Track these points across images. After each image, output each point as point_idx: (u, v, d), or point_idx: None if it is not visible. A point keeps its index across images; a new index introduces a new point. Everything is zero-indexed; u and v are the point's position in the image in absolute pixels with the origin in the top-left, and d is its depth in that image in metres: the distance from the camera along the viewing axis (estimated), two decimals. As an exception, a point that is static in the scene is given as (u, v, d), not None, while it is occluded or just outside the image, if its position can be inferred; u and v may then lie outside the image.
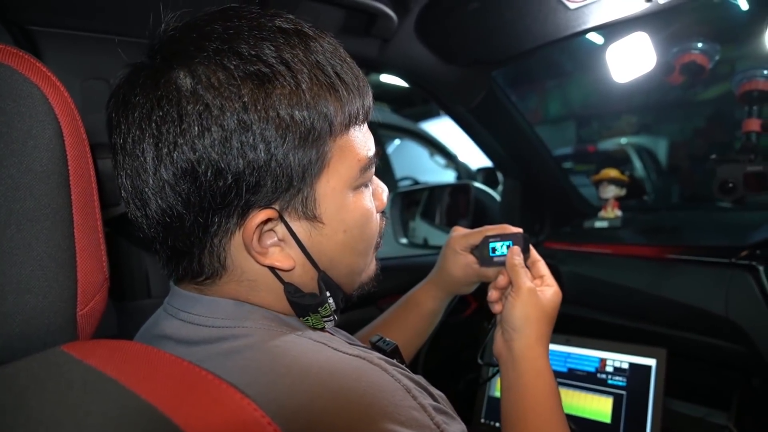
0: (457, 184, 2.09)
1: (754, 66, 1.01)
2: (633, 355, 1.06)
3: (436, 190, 1.85)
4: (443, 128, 4.36)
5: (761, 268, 0.99)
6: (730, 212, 1.46)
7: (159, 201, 0.47)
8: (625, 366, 1.05)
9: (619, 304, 1.20)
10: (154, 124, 0.45)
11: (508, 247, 0.76)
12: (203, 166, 0.44)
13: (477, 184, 1.68)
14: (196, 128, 0.44)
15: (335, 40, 0.51)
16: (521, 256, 0.75)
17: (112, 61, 0.51)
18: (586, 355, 1.11)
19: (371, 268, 0.61)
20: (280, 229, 0.50)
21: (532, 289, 0.71)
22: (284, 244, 0.51)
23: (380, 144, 3.70)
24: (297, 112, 0.45)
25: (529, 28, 1.00)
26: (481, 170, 2.43)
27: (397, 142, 4.55)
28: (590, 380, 1.08)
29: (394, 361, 0.56)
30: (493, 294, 0.78)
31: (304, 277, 0.53)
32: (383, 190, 0.60)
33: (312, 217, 0.50)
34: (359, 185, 0.53)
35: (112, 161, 0.49)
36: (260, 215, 0.47)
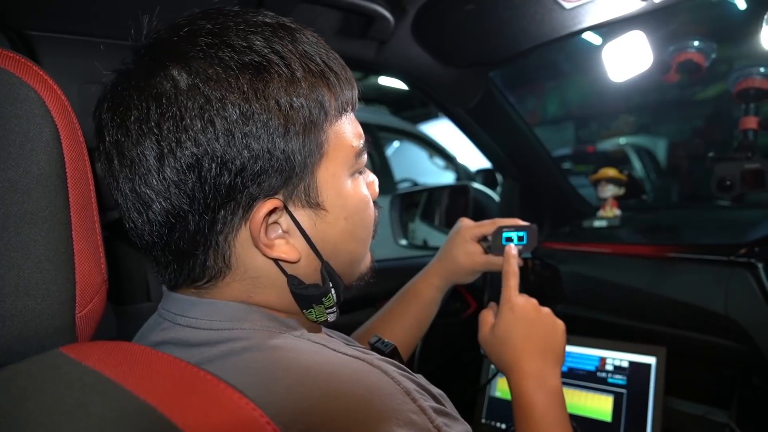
0: (456, 186, 2.09)
1: (751, 64, 1.01)
2: (633, 353, 1.06)
3: (435, 191, 1.85)
4: (442, 130, 4.38)
5: (760, 266, 0.99)
6: (728, 210, 1.46)
7: (163, 202, 0.46)
8: (625, 364, 1.05)
9: (618, 304, 1.20)
10: (153, 123, 0.45)
11: (520, 237, 0.78)
12: (207, 160, 0.45)
13: (476, 185, 1.68)
14: (199, 123, 0.44)
15: (316, 34, 0.53)
16: (517, 260, 0.77)
17: (110, 66, 0.51)
18: (586, 354, 1.11)
19: (368, 258, 0.62)
20: (285, 221, 0.50)
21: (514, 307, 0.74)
22: (288, 236, 0.51)
23: (378, 146, 3.72)
24: (296, 100, 0.47)
25: (526, 28, 1.00)
26: (480, 171, 2.44)
27: (396, 144, 4.56)
28: (590, 379, 1.08)
29: (394, 362, 0.56)
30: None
31: (308, 269, 0.54)
32: (374, 180, 0.62)
33: (315, 205, 0.51)
34: (355, 171, 0.55)
35: (104, 168, 0.49)
36: (266, 205, 0.48)
